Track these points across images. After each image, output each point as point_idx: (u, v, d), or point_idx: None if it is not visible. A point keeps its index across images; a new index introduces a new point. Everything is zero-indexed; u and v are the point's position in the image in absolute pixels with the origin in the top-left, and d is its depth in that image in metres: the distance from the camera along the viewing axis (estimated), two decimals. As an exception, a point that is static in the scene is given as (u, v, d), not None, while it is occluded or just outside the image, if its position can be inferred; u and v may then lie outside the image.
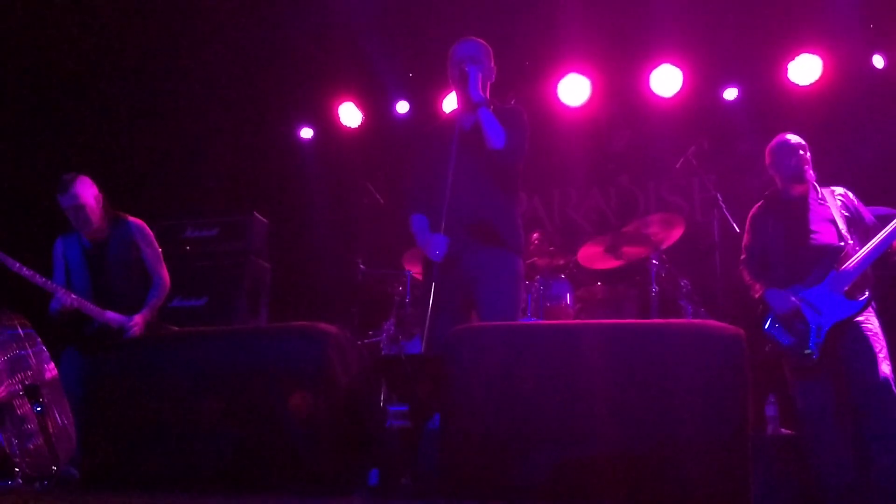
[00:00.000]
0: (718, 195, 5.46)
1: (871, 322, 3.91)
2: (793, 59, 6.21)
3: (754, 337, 3.93)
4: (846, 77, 6.16)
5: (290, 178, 7.68)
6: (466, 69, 3.64)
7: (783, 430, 4.71)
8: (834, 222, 4.05)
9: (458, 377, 2.69)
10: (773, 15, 6.09)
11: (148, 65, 6.76)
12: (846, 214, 4.10)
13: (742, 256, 4.31)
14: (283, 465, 2.78)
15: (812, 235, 4.05)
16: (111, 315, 4.36)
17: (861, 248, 3.95)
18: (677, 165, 5.70)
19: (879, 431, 3.75)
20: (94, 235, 4.54)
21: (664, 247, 5.63)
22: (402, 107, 7.29)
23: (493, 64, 3.85)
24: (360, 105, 7.33)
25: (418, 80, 7.18)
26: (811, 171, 4.15)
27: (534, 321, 5.29)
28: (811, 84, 6.20)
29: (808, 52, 6.17)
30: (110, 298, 4.45)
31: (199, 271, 5.97)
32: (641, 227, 5.65)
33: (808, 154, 4.17)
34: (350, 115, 7.34)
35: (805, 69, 6.19)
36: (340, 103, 7.31)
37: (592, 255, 5.76)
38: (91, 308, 4.36)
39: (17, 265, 4.23)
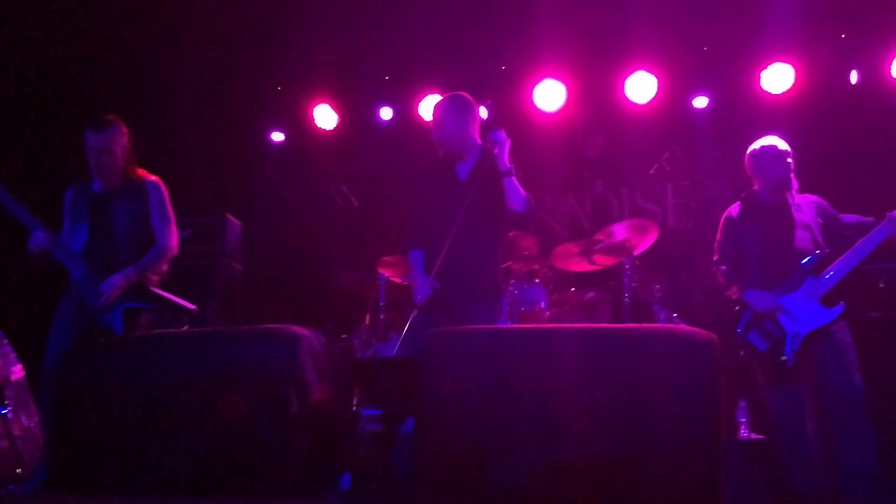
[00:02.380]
0: (691, 201, 5.49)
1: (844, 332, 3.94)
2: (765, 67, 6.28)
3: (727, 342, 3.95)
4: (818, 86, 6.23)
5: (264, 180, 7.62)
6: (498, 140, 3.78)
7: (754, 434, 4.74)
8: (810, 229, 4.06)
9: (432, 381, 2.67)
10: (746, 23, 6.15)
11: (118, 68, 6.67)
12: (821, 222, 4.12)
13: (714, 257, 4.30)
14: (254, 468, 2.76)
15: (788, 241, 4.06)
16: (82, 271, 4.11)
17: (838, 257, 3.95)
18: (651, 171, 5.74)
19: (849, 438, 3.78)
20: (107, 183, 4.34)
21: (637, 252, 5.65)
22: (386, 113, 7.22)
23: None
24: (336, 107, 7.29)
25: (394, 84, 7.16)
26: (794, 179, 4.18)
27: (508, 325, 5.29)
28: (784, 92, 6.27)
29: (781, 61, 6.23)
30: (105, 250, 4.22)
31: (171, 273, 5.89)
32: (614, 233, 5.67)
33: (793, 161, 4.20)
34: (325, 117, 7.28)
35: (778, 78, 6.25)
36: (315, 105, 7.26)
37: (566, 255, 5.77)
38: (68, 261, 4.12)
39: (2, 191, 4.06)
